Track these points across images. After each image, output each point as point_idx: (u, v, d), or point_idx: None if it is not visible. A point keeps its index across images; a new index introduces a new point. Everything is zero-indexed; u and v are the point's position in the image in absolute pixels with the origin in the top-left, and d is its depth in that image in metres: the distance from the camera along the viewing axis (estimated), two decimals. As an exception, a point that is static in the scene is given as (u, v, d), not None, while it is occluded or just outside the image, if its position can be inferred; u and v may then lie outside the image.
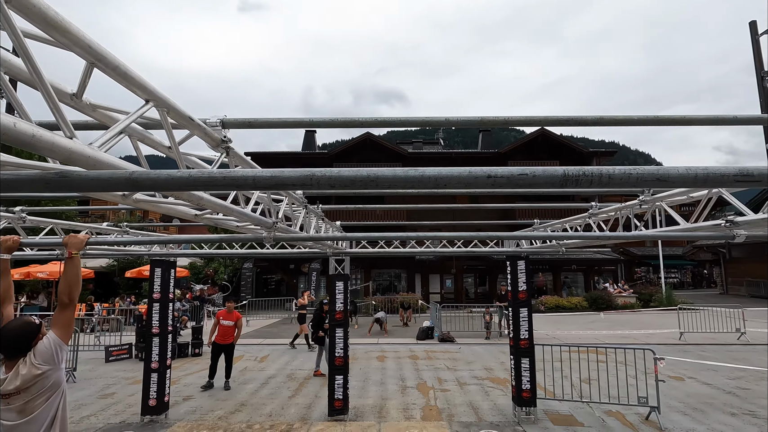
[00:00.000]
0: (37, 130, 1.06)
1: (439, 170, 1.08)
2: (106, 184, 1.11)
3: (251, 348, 13.13)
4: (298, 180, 1.09)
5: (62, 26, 1.15)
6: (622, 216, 4.50)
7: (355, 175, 1.08)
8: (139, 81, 1.49)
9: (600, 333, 14.87)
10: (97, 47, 1.28)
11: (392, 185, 1.09)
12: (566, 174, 1.06)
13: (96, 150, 1.28)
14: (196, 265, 23.16)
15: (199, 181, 1.10)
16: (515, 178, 1.06)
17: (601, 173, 1.05)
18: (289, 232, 3.56)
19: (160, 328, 7.52)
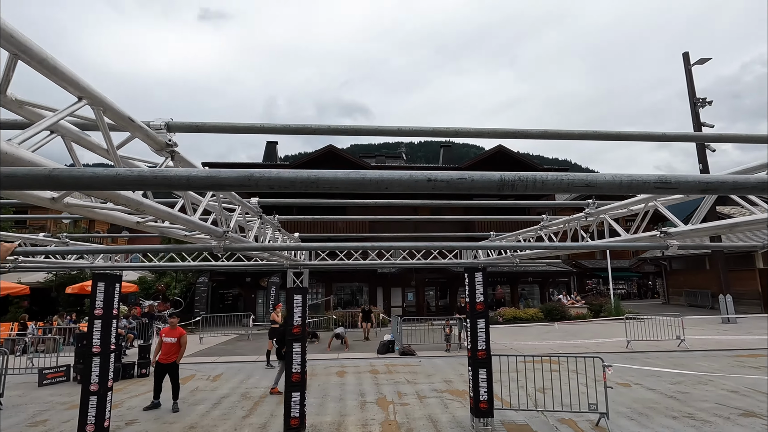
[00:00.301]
0: (-59, 121, 0.97)
1: (380, 173, 1.08)
2: (22, 182, 1.02)
3: (203, 366, 12.51)
4: (236, 181, 1.05)
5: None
6: (570, 228, 4.72)
7: (295, 176, 1.06)
8: (70, 76, 1.40)
9: (554, 343, 15.36)
10: (20, 37, 1.19)
11: (333, 187, 1.07)
12: (503, 179, 1.09)
13: (16, 146, 1.18)
14: (147, 280, 21.95)
15: (127, 180, 1.03)
16: (454, 181, 1.08)
17: (536, 178, 1.09)
18: (242, 241, 3.45)
19: (101, 347, 7.01)
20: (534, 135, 2.22)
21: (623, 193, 1.20)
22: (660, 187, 1.09)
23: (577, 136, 2.26)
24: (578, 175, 1.10)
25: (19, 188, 1.10)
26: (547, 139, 2.27)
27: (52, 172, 1.03)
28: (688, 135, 2.63)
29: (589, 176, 1.09)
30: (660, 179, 1.09)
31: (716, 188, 1.11)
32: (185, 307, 21.76)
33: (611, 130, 2.39)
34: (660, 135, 2.24)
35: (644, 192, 1.11)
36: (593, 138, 2.29)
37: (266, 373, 11.31)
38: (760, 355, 12.32)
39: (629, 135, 2.41)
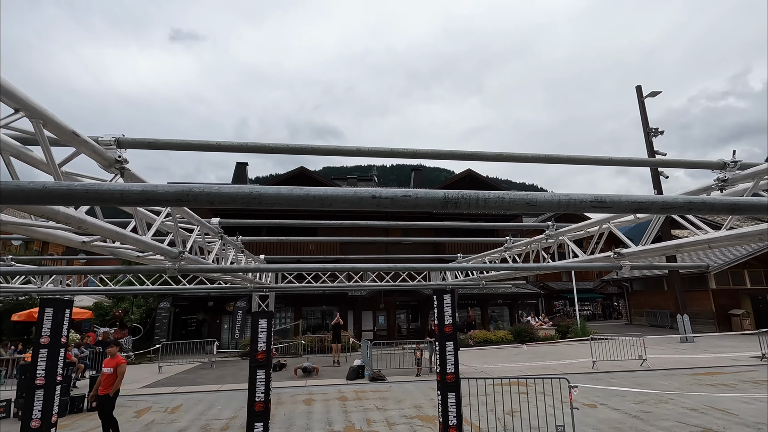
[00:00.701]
0: None
1: (324, 190, 1.07)
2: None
3: (161, 398, 11.80)
4: (172, 195, 1.02)
5: None
6: (532, 250, 4.84)
7: (237, 192, 1.03)
8: (6, 87, 1.34)
9: (523, 365, 15.47)
10: (-54, 44, 1.14)
11: (276, 203, 1.05)
12: (446, 197, 1.11)
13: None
14: (103, 306, 20.76)
15: (55, 194, 0.98)
16: (398, 199, 1.09)
17: (478, 197, 1.11)
18: (199, 262, 3.33)
19: (46, 379, 6.53)
20: (489, 157, 2.29)
21: (561, 212, 1.24)
22: (596, 205, 1.14)
23: (530, 159, 2.34)
24: (519, 194, 1.13)
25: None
26: (502, 161, 2.34)
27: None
28: (640, 160, 2.78)
29: (530, 195, 1.12)
30: (595, 198, 1.14)
31: (647, 207, 1.17)
32: (144, 334, 20.66)
33: (558, 153, 2.49)
34: (619, 160, 2.36)
35: (581, 210, 1.16)
36: (554, 161, 2.38)
37: (228, 403, 10.78)
38: (716, 373, 12.81)
39: (584, 159, 2.52)
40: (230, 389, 12.64)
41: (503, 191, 1.12)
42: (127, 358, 18.51)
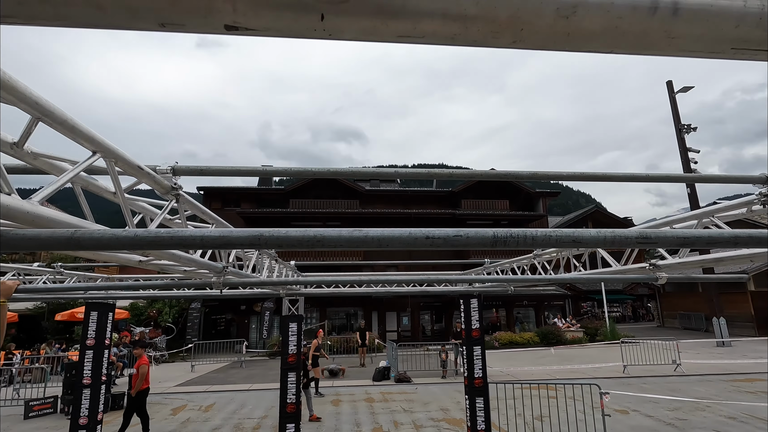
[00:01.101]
0: (-28, 188, 1.04)
1: (382, 231, 1.16)
2: (46, 244, 1.09)
3: (195, 396, 12.23)
4: (246, 240, 1.12)
5: (9, 85, 1.15)
6: (563, 257, 4.82)
7: (302, 235, 1.13)
8: (87, 133, 1.49)
9: (551, 368, 15.24)
10: (45, 104, 1.28)
11: (338, 245, 1.15)
12: (496, 236, 1.18)
13: (35, 205, 1.25)
14: (138, 306, 21.61)
15: (144, 241, 1.10)
16: (451, 239, 1.16)
17: (526, 235, 1.18)
18: (241, 275, 3.49)
19: (92, 378, 6.89)
20: (524, 177, 2.33)
21: (607, 248, 1.28)
22: (641, 242, 1.18)
23: (566, 177, 2.37)
24: (566, 232, 1.18)
25: (42, 249, 1.16)
26: (537, 180, 2.38)
27: (74, 234, 1.10)
28: (679, 176, 2.76)
29: (576, 233, 1.18)
30: (641, 235, 1.18)
31: (692, 243, 1.20)
32: (177, 333, 21.38)
33: (604, 171, 2.51)
34: (657, 176, 2.36)
35: (626, 246, 1.20)
36: (583, 179, 2.40)
37: (259, 403, 11.08)
38: (756, 380, 12.31)
39: (619, 176, 2.53)
40: (260, 389, 12.98)
41: (550, 230, 1.18)
42: (161, 357, 19.23)
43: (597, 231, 1.20)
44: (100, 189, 2.09)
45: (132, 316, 20.94)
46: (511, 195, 30.73)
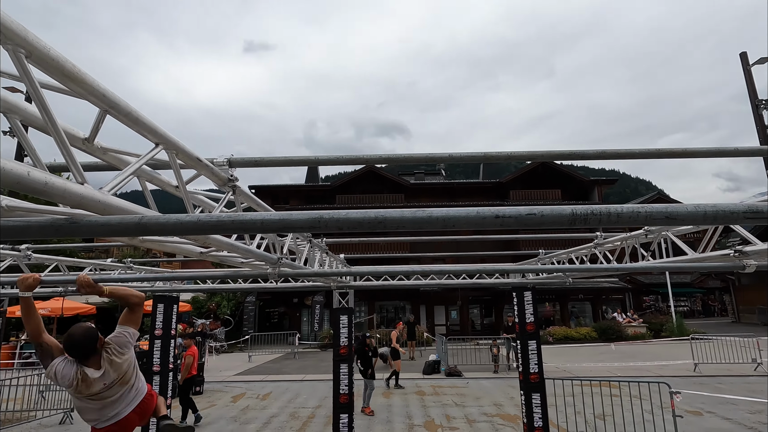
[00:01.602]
0: (49, 177, 1.08)
1: (446, 211, 1.08)
2: (116, 230, 1.12)
3: (253, 385, 12.78)
4: (306, 223, 1.09)
5: (79, 77, 1.19)
6: (628, 246, 4.47)
7: (363, 217, 1.08)
8: (150, 125, 1.53)
9: (612, 365, 14.44)
10: (111, 96, 1.32)
11: (400, 226, 1.09)
12: (574, 213, 1.06)
13: (106, 194, 1.30)
14: (199, 299, 22.94)
15: (207, 225, 1.10)
16: (523, 218, 1.06)
17: (610, 212, 1.05)
18: (294, 267, 3.55)
19: (160, 366, 7.36)
20: (591, 156, 2.15)
21: (708, 225, 1.12)
22: (751, 217, 1.01)
23: (638, 155, 2.16)
24: (657, 208, 1.04)
25: (114, 236, 1.20)
26: (605, 159, 2.19)
27: (142, 220, 1.12)
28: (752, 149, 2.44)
29: (669, 208, 1.03)
30: (750, 209, 1.01)
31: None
32: (234, 325, 22.49)
33: (672, 147, 2.26)
34: (732, 150, 2.09)
35: (732, 223, 1.04)
36: (655, 156, 2.18)
37: (313, 393, 11.38)
38: None
39: (694, 152, 2.28)
40: (313, 379, 13.34)
41: (638, 205, 1.04)
42: (221, 347, 20.32)
43: (695, 205, 1.05)
44: (163, 183, 2.17)
45: (193, 309, 22.27)
46: (562, 184, 29.35)
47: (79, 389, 2.69)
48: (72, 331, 2.78)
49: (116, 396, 2.83)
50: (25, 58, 1.04)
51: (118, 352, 2.79)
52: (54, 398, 9.69)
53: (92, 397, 2.73)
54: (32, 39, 1.03)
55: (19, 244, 5.43)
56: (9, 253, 5.04)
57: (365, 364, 9.48)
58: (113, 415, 2.84)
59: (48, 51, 1.07)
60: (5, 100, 1.29)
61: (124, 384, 2.85)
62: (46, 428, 8.78)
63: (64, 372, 2.67)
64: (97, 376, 2.70)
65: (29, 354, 16.60)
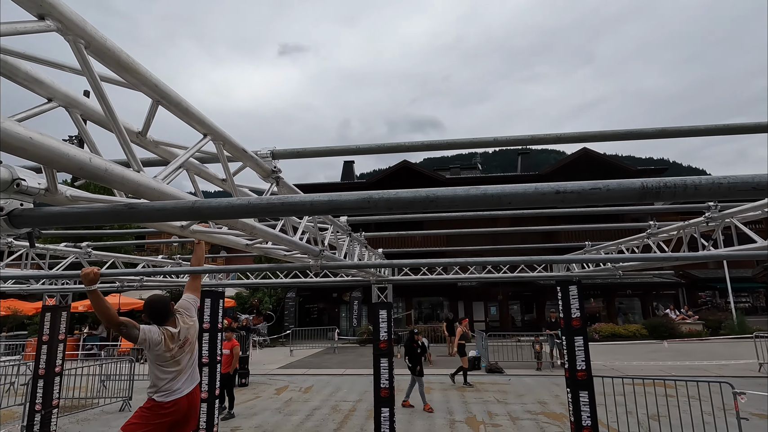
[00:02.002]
0: (109, 165, 1.12)
1: (502, 187, 1.02)
2: (170, 214, 1.15)
3: (296, 378, 13.10)
4: (355, 203, 1.07)
5: (133, 67, 1.22)
6: (685, 235, 4.17)
7: (414, 196, 1.04)
8: (199, 116, 1.56)
9: (665, 364, 13.67)
10: (162, 86, 1.35)
11: (452, 205, 1.04)
12: (645, 186, 0.97)
13: (160, 182, 1.34)
14: (242, 295, 23.78)
15: (258, 208, 1.10)
16: (587, 193, 0.99)
17: (686, 184, 0.95)
18: (335, 260, 3.57)
19: (209, 358, 7.67)
20: (650, 134, 2.00)
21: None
22: None
23: (703, 132, 1.99)
24: (742, 178, 0.93)
25: (169, 220, 1.23)
26: (666, 137, 2.04)
27: (195, 204, 1.14)
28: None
29: (757, 177, 0.92)
30: None
31: None
32: (276, 321, 23.14)
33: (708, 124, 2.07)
34: None
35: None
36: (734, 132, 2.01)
37: (353, 387, 11.51)
38: None
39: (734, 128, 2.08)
40: (353, 374, 13.50)
41: (719, 175, 0.94)
42: (264, 342, 20.96)
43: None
44: (210, 176, 2.22)
45: (237, 304, 23.11)
46: (606, 175, 28.00)
47: (166, 345, 3.22)
48: (151, 299, 3.43)
49: (186, 362, 3.37)
50: (84, 49, 1.07)
51: (187, 315, 3.41)
52: (114, 387, 10.35)
53: (174, 357, 3.26)
54: (90, 29, 1.06)
55: (80, 242, 5.80)
56: (71, 250, 5.40)
57: (413, 360, 9.39)
58: (182, 385, 3.33)
59: (105, 41, 1.10)
60: (66, 95, 1.34)
61: (193, 350, 3.44)
62: (107, 415, 9.39)
63: (152, 334, 3.19)
64: (176, 331, 3.29)
65: (92, 346, 17.84)
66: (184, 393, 3.37)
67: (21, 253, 5.21)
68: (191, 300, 3.63)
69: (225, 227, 2.54)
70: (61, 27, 1.00)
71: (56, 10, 0.97)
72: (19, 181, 1.19)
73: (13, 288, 6.90)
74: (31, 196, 1.23)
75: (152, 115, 1.56)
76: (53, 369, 7.74)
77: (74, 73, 1.19)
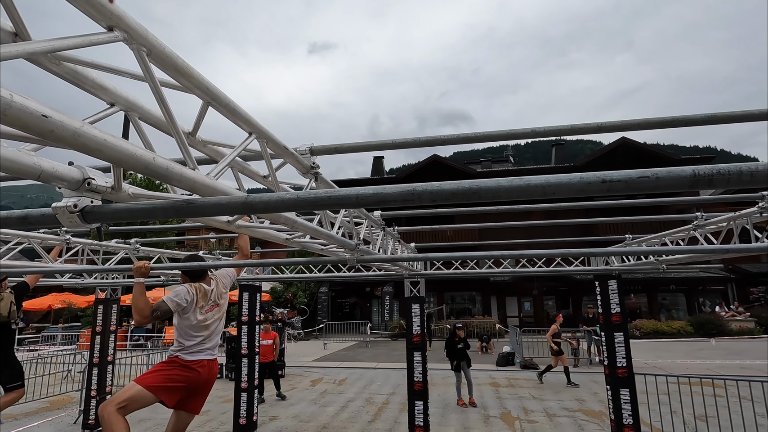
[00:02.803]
0: (170, 164, 1.21)
1: (546, 178, 1.03)
2: (225, 209, 1.23)
3: (329, 371, 13.37)
4: (399, 196, 1.10)
5: (188, 72, 1.30)
6: (736, 226, 3.96)
7: (457, 188, 1.07)
8: (245, 116, 1.64)
9: (712, 363, 13.02)
10: (213, 89, 1.43)
11: (495, 196, 1.06)
12: (696, 174, 0.95)
13: (213, 179, 1.42)
14: (277, 290, 24.43)
15: (306, 201, 1.16)
16: (634, 181, 0.98)
17: (741, 170, 0.93)
18: (369, 253, 3.63)
19: (248, 349, 7.96)
20: (698, 121, 1.93)
21: None
22: None
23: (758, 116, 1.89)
24: (803, 162, 0.90)
25: (222, 214, 1.31)
26: (715, 123, 1.95)
27: (247, 199, 1.21)
28: None
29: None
30: None
31: None
32: (309, 315, 23.65)
33: None
34: None
35: None
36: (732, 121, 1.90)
37: (386, 381, 11.64)
38: None
39: None
40: (385, 367, 13.64)
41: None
42: (298, 335, 21.48)
43: None
44: (252, 173, 2.31)
45: (272, 298, 23.77)
46: (647, 165, 26.73)
47: (197, 302, 3.38)
48: (190, 255, 3.76)
49: (215, 328, 3.51)
50: (146, 57, 1.16)
51: (222, 283, 3.64)
52: (160, 376, 10.93)
53: (205, 321, 3.41)
54: (152, 38, 1.14)
55: (128, 238, 6.15)
56: (122, 246, 5.73)
57: (454, 355, 9.17)
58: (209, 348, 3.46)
59: (164, 48, 1.18)
60: (127, 100, 1.44)
61: (222, 319, 3.60)
62: (155, 402, 9.92)
63: (181, 293, 3.36)
64: (210, 288, 3.51)
65: (138, 337, 18.86)
66: (210, 357, 3.47)
67: (77, 249, 5.59)
68: (230, 273, 3.90)
69: (267, 221, 2.64)
70: (127, 37, 1.09)
71: (123, 22, 1.05)
72: (90, 180, 1.30)
73: (70, 282, 7.39)
74: (99, 194, 1.34)
75: (202, 116, 1.65)
76: (106, 358, 8.26)
77: (136, 80, 1.28)
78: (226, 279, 3.84)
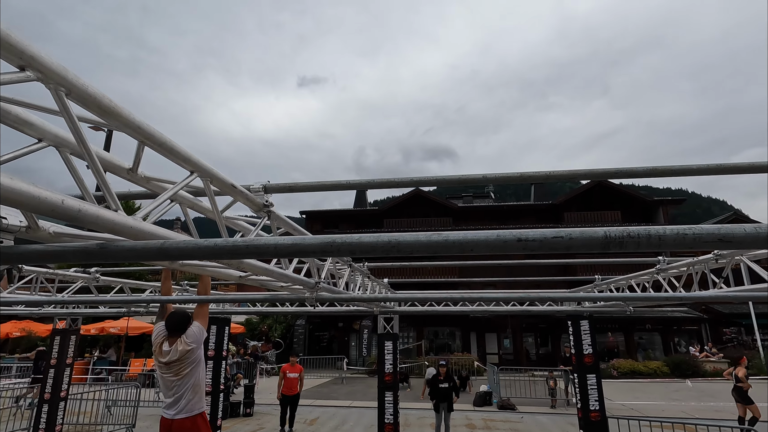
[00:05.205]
0: (83, 205, 1.15)
1: (464, 234, 1.01)
2: (140, 254, 1.17)
3: (301, 409, 12.75)
4: (318, 247, 1.07)
5: (115, 111, 1.28)
6: (696, 272, 4.04)
7: (376, 241, 1.04)
8: (184, 154, 1.61)
9: (688, 405, 12.97)
10: (146, 127, 1.40)
11: (414, 251, 1.03)
12: (608, 236, 0.95)
13: (138, 221, 1.36)
14: (252, 322, 23.68)
15: (224, 250, 1.12)
16: (548, 241, 0.97)
17: (650, 234, 0.93)
18: (334, 291, 3.54)
19: (212, 386, 7.57)
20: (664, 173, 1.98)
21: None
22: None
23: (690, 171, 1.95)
24: (708, 229, 0.91)
25: (138, 260, 1.25)
26: (684, 175, 2.01)
27: (163, 245, 1.16)
28: None
29: (723, 229, 0.90)
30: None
31: None
32: (285, 348, 22.88)
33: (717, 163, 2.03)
34: None
35: (805, 247, 0.88)
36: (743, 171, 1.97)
37: (359, 420, 11.18)
38: None
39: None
40: (360, 406, 13.14)
41: (684, 226, 0.92)
42: (272, 369, 20.67)
43: (755, 227, 0.90)
44: (204, 209, 2.26)
45: (247, 330, 23.00)
46: (622, 205, 27.60)
47: (155, 351, 3.51)
48: (173, 312, 3.68)
49: (171, 383, 3.42)
50: (65, 96, 1.13)
51: (186, 342, 3.46)
52: (119, 413, 10.27)
53: (161, 366, 3.44)
54: (72, 77, 1.12)
55: (90, 267, 5.91)
56: (79, 276, 5.49)
57: (436, 395, 8.46)
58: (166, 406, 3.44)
59: (86, 88, 1.16)
60: (56, 135, 1.40)
61: (179, 374, 3.41)
62: (110, 442, 9.27)
63: (158, 333, 3.56)
64: (166, 350, 3.45)
65: (101, 370, 17.86)
66: (167, 415, 3.44)
67: (31, 277, 5.32)
68: (199, 329, 3.74)
69: (215, 261, 2.57)
70: (41, 77, 1.06)
71: (36, 61, 1.03)
72: (1, 219, 1.23)
73: (24, 311, 7.01)
74: (12, 234, 1.27)
75: (140, 154, 1.61)
76: (59, 393, 7.74)
77: (57, 116, 1.24)
78: (190, 336, 3.63)
